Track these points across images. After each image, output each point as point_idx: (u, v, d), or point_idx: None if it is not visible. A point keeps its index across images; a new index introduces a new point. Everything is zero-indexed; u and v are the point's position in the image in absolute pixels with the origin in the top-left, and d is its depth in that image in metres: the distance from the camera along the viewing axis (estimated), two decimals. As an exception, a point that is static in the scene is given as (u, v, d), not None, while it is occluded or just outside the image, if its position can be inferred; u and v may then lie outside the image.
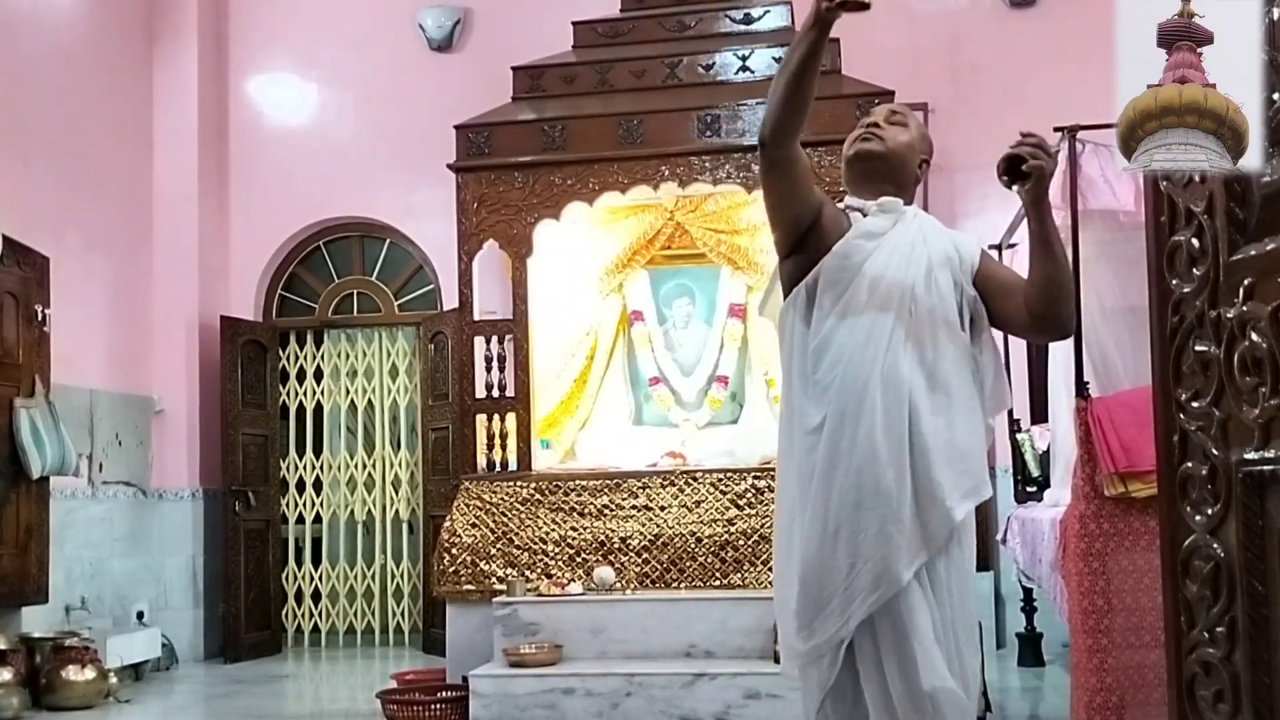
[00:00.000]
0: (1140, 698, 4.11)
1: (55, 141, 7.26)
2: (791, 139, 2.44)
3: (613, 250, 7.04)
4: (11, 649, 6.00)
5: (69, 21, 7.54)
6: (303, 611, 8.62)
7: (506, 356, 6.33)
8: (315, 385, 8.67)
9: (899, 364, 2.37)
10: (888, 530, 2.32)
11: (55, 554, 6.68)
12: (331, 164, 8.42)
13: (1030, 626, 6.78)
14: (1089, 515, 4.22)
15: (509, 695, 5.07)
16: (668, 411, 7.08)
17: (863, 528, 2.34)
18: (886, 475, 2.34)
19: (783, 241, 2.55)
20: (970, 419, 2.42)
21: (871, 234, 2.47)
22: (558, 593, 5.58)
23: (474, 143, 6.45)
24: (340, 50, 8.53)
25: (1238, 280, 1.47)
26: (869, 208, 2.52)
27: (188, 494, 8.05)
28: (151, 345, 8.09)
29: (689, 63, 6.43)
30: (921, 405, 2.37)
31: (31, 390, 6.42)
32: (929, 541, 2.35)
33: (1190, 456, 1.58)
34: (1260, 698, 1.43)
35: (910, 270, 2.43)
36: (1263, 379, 1.41)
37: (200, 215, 8.26)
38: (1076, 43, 6.79)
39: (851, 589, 2.33)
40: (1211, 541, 1.53)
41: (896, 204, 2.53)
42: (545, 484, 6.08)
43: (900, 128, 2.59)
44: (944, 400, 2.39)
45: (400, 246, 8.60)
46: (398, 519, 8.64)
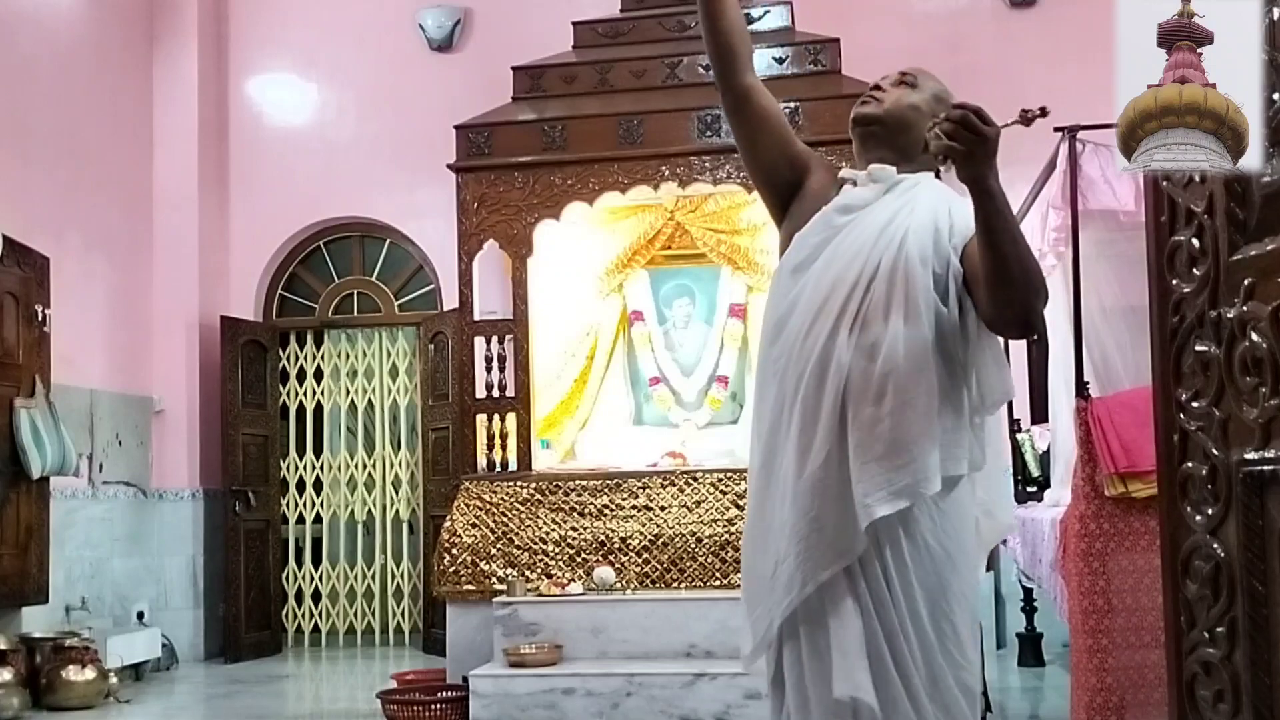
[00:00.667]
0: (1140, 698, 4.11)
1: (55, 141, 7.26)
2: (733, 71, 2.34)
3: (613, 250, 7.04)
4: (11, 649, 6.00)
5: (69, 21, 7.54)
6: (303, 611, 8.62)
7: (506, 356, 6.33)
8: (315, 385, 8.68)
9: (840, 349, 2.15)
10: (804, 528, 2.13)
11: (55, 554, 6.68)
12: (331, 164, 8.42)
13: (1030, 626, 6.78)
14: (1089, 515, 4.22)
15: (509, 695, 5.07)
16: (668, 411, 7.08)
17: (787, 525, 2.16)
18: (812, 468, 2.14)
19: (768, 203, 2.42)
20: (922, 407, 2.12)
21: (849, 207, 2.26)
22: (558, 593, 5.58)
23: (474, 143, 6.45)
24: (340, 50, 8.53)
25: (1238, 280, 1.47)
26: (859, 176, 2.32)
27: (188, 494, 8.05)
28: (151, 345, 8.09)
29: (689, 63, 6.43)
30: (856, 393, 2.14)
31: (31, 390, 6.42)
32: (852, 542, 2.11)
33: (1190, 456, 1.58)
34: (1260, 698, 1.43)
35: (879, 245, 2.18)
36: (1263, 379, 1.41)
37: (200, 215, 8.27)
38: (1076, 43, 6.79)
39: (774, 590, 2.16)
40: (1211, 541, 1.53)
41: (888, 173, 2.29)
42: (545, 484, 6.08)
43: (907, 89, 2.36)
44: (887, 387, 2.13)
45: (400, 246, 8.60)
46: (398, 519, 8.64)
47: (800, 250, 2.27)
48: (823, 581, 2.11)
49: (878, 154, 2.33)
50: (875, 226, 2.21)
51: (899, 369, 2.12)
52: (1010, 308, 2.10)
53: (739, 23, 2.39)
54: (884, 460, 2.10)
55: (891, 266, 2.16)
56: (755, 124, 2.37)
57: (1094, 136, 4.63)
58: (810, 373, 2.17)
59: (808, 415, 2.17)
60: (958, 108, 1.99)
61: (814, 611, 2.14)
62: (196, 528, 8.07)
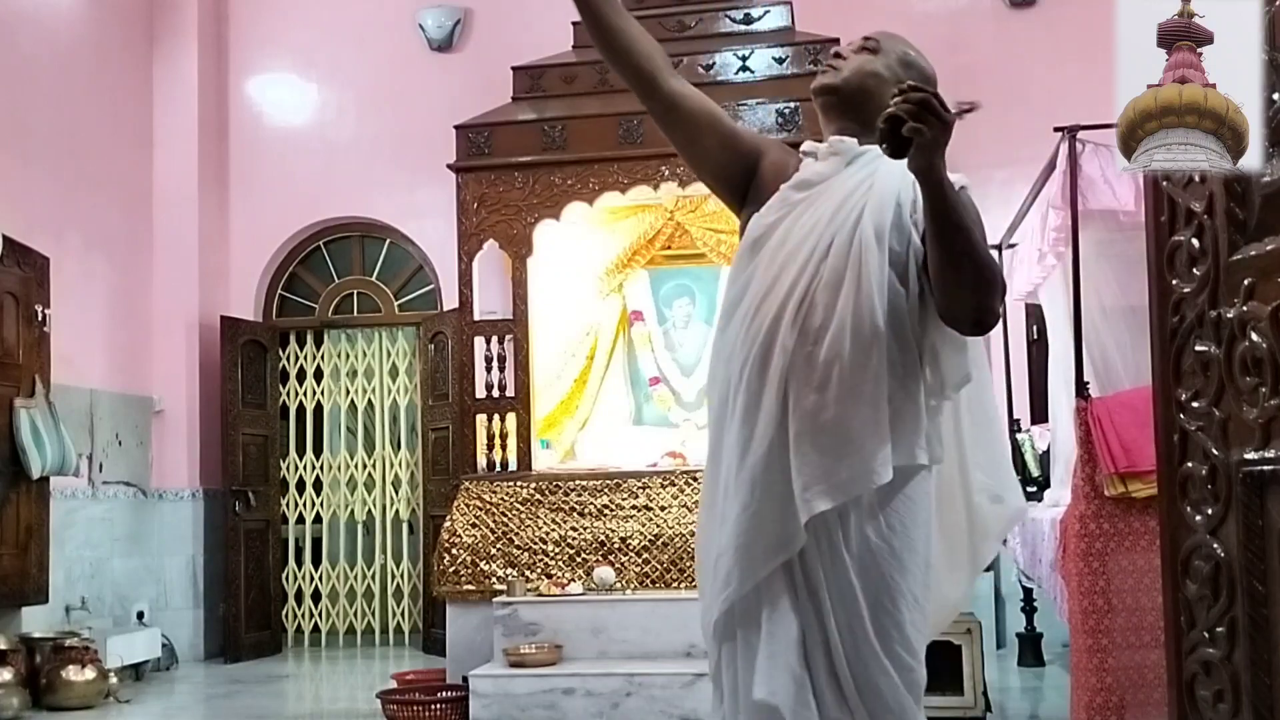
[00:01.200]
0: (1140, 698, 4.11)
1: (55, 141, 7.26)
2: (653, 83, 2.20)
3: (613, 250, 7.04)
4: (11, 649, 6.00)
5: (69, 21, 7.54)
6: (303, 611, 8.62)
7: (506, 356, 6.34)
8: (315, 385, 8.67)
9: (783, 333, 2.04)
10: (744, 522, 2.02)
11: (55, 554, 6.68)
12: (331, 164, 8.42)
13: (1030, 626, 6.78)
14: (1089, 515, 4.22)
15: (509, 695, 5.07)
16: (668, 411, 7.08)
17: (729, 518, 2.05)
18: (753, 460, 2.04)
19: (726, 201, 2.30)
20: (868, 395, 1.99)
21: (807, 183, 2.13)
22: (558, 593, 5.58)
23: (474, 143, 6.46)
24: (340, 50, 8.53)
25: (1238, 280, 1.47)
26: (820, 149, 2.19)
27: (188, 494, 8.05)
28: (151, 345, 8.09)
29: (689, 63, 6.43)
30: (799, 380, 2.02)
31: (31, 390, 6.42)
32: (791, 537, 2.00)
33: (1190, 456, 1.58)
34: (1260, 698, 1.43)
35: (834, 222, 2.06)
36: (1263, 379, 1.41)
37: (200, 215, 8.27)
38: (1076, 43, 6.79)
39: (715, 584, 2.07)
40: (1211, 541, 1.53)
41: (848, 145, 2.16)
42: (545, 484, 6.08)
43: (869, 54, 2.23)
44: (831, 374, 2.00)
45: (400, 246, 8.60)
46: (398, 519, 8.64)
47: (755, 230, 2.15)
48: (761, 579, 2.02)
49: (839, 125, 2.21)
50: (833, 202, 2.09)
51: (844, 354, 2.00)
52: (963, 306, 1.99)
53: (638, 30, 2.22)
54: (826, 451, 1.99)
55: (845, 244, 2.04)
56: (691, 127, 2.25)
57: (1094, 136, 4.63)
58: (754, 358, 2.06)
59: (750, 403, 2.06)
60: (914, 89, 1.83)
61: (751, 609, 2.05)
62: (196, 528, 8.06)
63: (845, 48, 2.28)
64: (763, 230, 2.13)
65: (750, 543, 2.02)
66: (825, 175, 2.14)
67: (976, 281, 1.96)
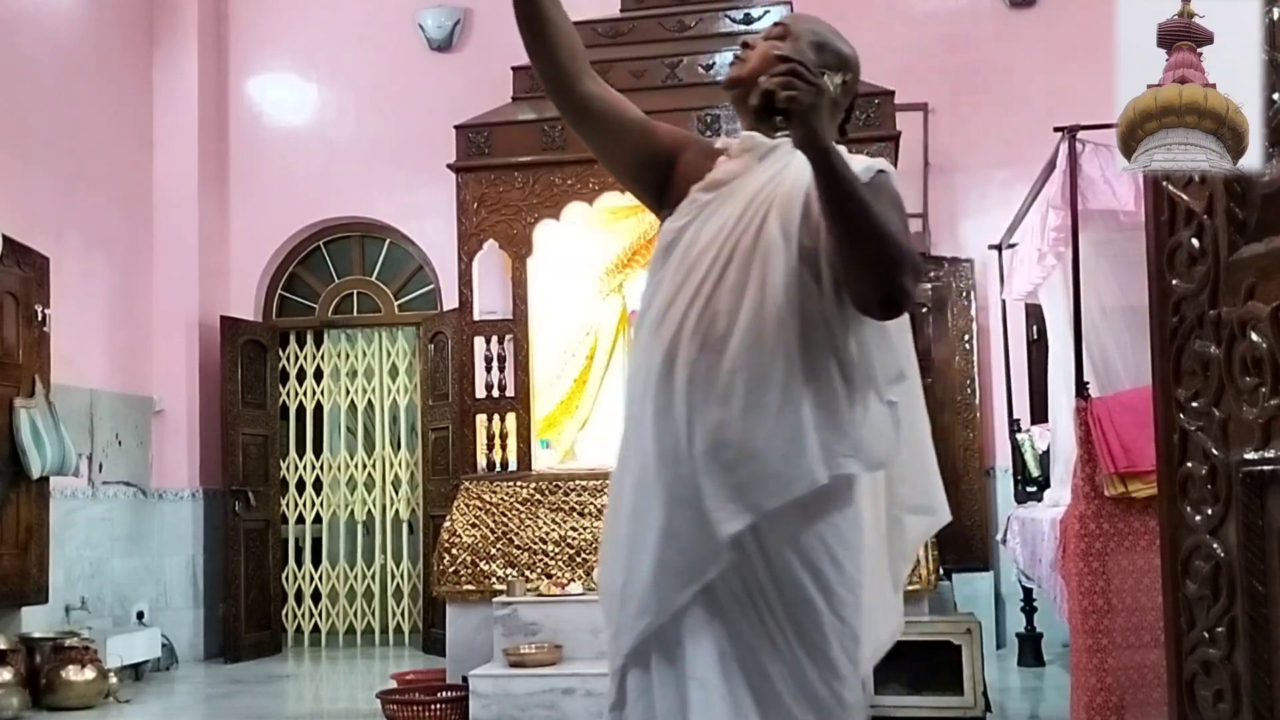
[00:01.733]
0: (1140, 698, 4.11)
1: (55, 141, 7.26)
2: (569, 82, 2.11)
3: (613, 250, 7.03)
4: (11, 649, 6.00)
5: (69, 21, 7.54)
6: (303, 611, 8.62)
7: (506, 356, 6.33)
8: (315, 385, 8.68)
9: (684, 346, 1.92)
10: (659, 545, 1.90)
11: (55, 554, 6.68)
12: (331, 164, 8.42)
13: (1030, 626, 6.78)
14: (1089, 515, 4.22)
15: (509, 695, 5.07)
16: (668, 411, 7.07)
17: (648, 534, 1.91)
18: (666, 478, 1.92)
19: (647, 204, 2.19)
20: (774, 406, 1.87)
21: (717, 183, 2.02)
22: (558, 593, 5.58)
23: (474, 143, 6.45)
24: (340, 50, 8.53)
25: (1238, 280, 1.47)
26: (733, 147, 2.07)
27: (188, 494, 8.05)
28: (151, 345, 8.09)
29: (689, 63, 6.43)
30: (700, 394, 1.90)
31: (31, 390, 6.42)
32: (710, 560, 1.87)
33: (1190, 456, 1.58)
34: (1260, 698, 1.43)
35: (741, 223, 1.94)
36: (1263, 379, 1.41)
37: (200, 215, 8.27)
38: (1076, 43, 6.80)
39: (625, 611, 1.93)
40: (1211, 541, 1.53)
41: (758, 140, 2.04)
42: (545, 484, 6.08)
43: (776, 41, 2.10)
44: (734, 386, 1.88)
45: (400, 246, 8.60)
46: (398, 519, 8.64)
47: (666, 235, 2.05)
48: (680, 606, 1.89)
49: (751, 119, 2.09)
50: (741, 202, 1.97)
51: (749, 365, 1.88)
52: (867, 284, 1.82)
53: (569, 28, 2.14)
54: (733, 469, 1.87)
55: (750, 246, 1.92)
56: (603, 130, 2.13)
57: (1094, 136, 4.63)
58: (658, 372, 1.94)
59: (660, 418, 1.93)
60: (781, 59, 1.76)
61: (667, 636, 1.90)
62: (196, 528, 8.06)
63: (754, 36, 2.19)
64: (673, 235, 2.03)
65: (666, 567, 1.89)
66: (735, 174, 2.02)
67: (879, 256, 1.79)
